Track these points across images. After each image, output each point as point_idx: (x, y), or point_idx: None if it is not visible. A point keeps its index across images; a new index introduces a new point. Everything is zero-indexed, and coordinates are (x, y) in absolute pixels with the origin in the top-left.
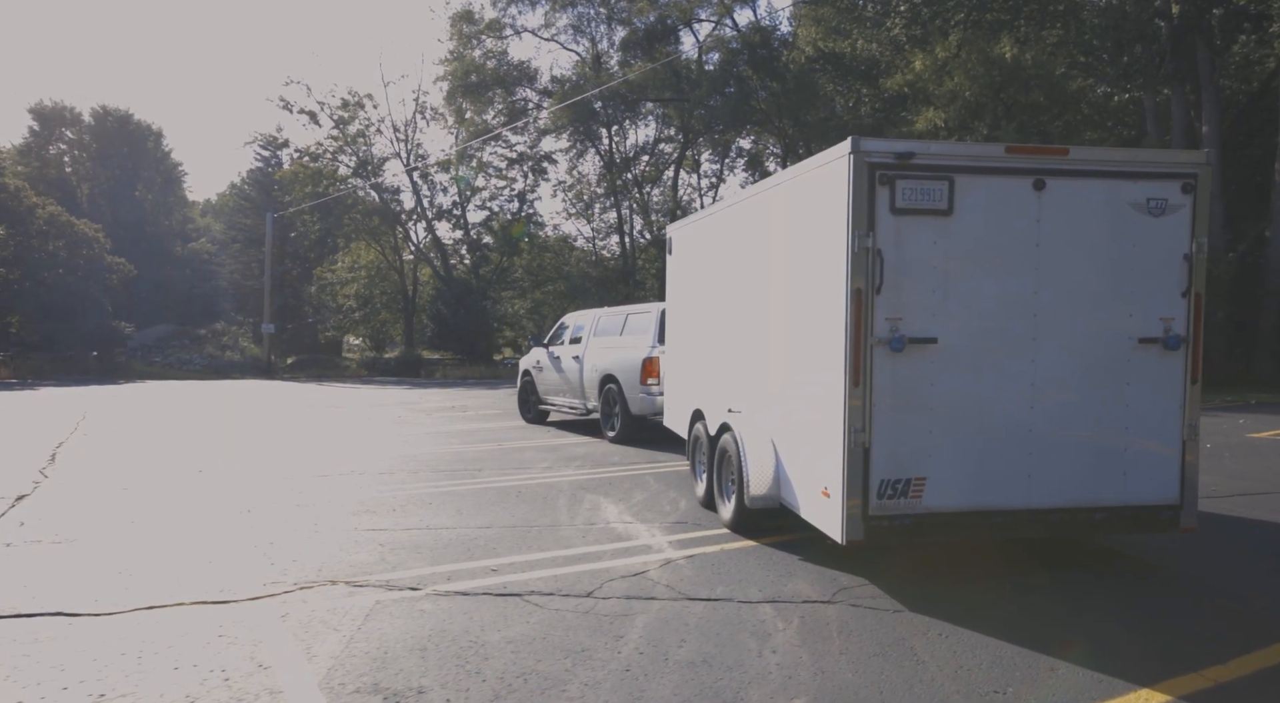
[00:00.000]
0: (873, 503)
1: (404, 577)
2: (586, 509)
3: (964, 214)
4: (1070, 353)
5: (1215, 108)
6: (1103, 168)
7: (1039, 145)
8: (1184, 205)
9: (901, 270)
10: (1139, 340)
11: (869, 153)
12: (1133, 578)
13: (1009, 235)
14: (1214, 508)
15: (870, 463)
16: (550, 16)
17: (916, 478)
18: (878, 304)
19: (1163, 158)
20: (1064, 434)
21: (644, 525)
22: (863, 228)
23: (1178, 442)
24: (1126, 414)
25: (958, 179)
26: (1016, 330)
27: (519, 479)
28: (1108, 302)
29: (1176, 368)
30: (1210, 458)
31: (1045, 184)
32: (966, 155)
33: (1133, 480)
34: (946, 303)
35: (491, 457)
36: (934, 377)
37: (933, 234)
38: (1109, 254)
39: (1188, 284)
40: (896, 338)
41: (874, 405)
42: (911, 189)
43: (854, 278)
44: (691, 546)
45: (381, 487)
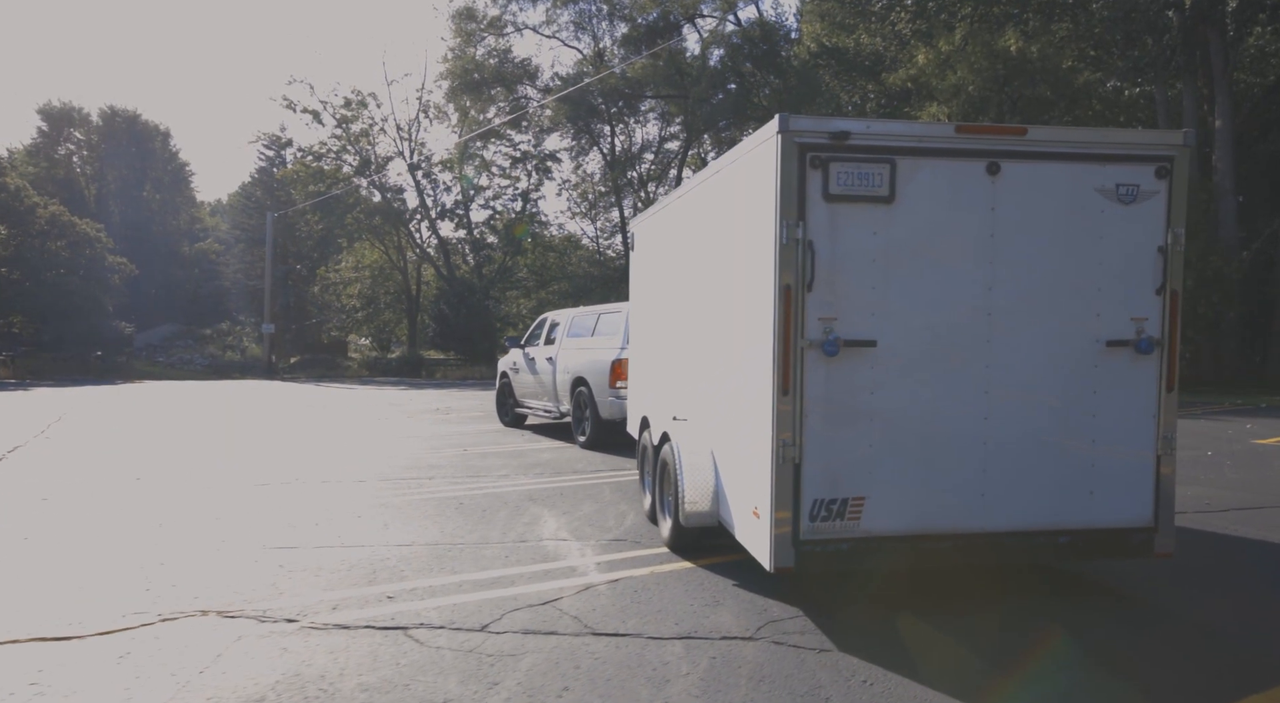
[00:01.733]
0: (804, 526)
1: (286, 606)
2: (524, 524)
3: (908, 201)
4: (1029, 357)
5: (1229, 102)
6: (1066, 149)
7: (993, 124)
8: (1158, 192)
9: (836, 265)
10: (1107, 343)
11: (799, 132)
12: (1103, 612)
13: (959, 225)
14: (1205, 524)
15: (801, 481)
16: (552, 13)
17: (854, 498)
18: (809, 302)
19: (1134, 138)
20: (1022, 448)
21: (578, 543)
22: (792, 217)
23: (1152, 456)
24: (1093, 426)
25: (901, 162)
26: (968, 332)
27: (467, 489)
28: (1072, 300)
29: (1150, 374)
30: (1210, 466)
31: (1000, 168)
32: (911, 135)
33: (1101, 500)
34: (888, 301)
35: (450, 464)
36: (874, 384)
37: (872, 224)
38: (1073, 246)
39: (1163, 280)
40: (830, 340)
41: (805, 416)
42: (848, 173)
43: (782, 273)
44: (621, 567)
45: (316, 497)
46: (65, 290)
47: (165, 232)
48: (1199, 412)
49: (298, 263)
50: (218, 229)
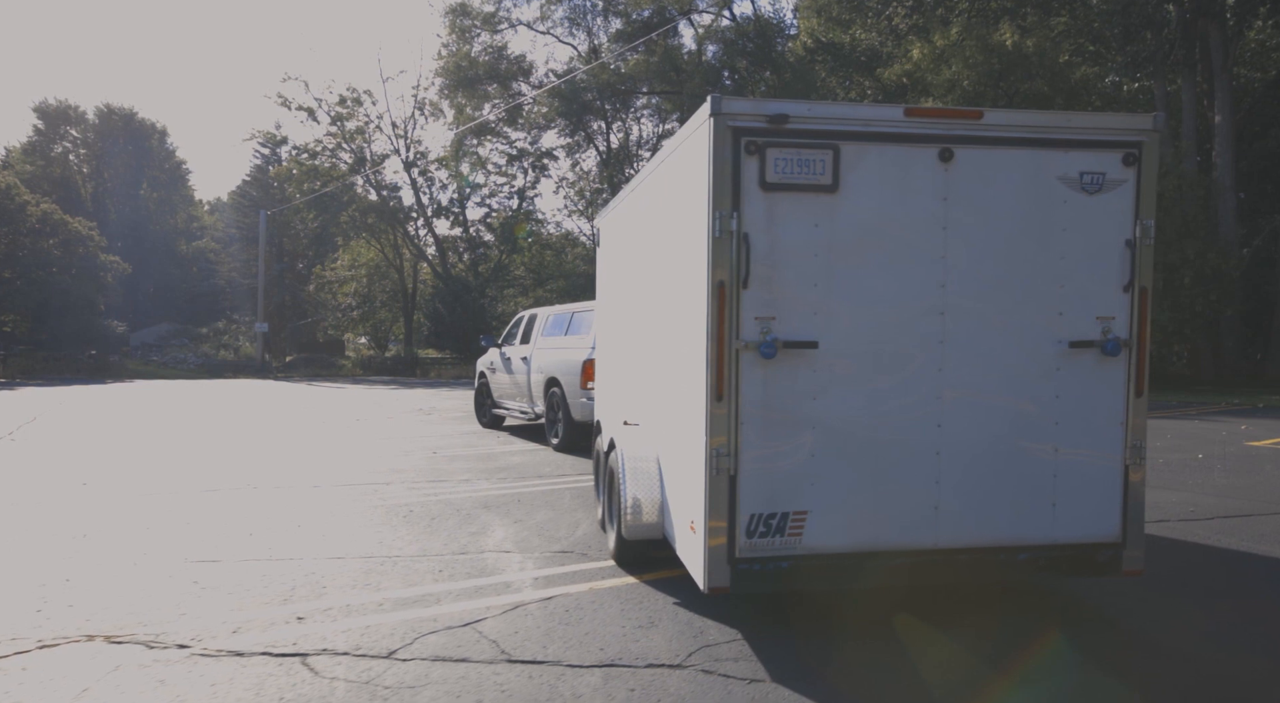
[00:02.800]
0: (740, 542)
1: (183, 629)
2: (469, 534)
3: (853, 190)
4: (986, 360)
5: (1229, 97)
6: (1025, 134)
7: (945, 107)
8: (1126, 180)
9: (774, 259)
10: (1070, 344)
11: (733, 115)
12: (1068, 633)
13: (909, 216)
14: (1187, 533)
15: (737, 494)
16: (546, 9)
17: (795, 512)
18: (745, 300)
19: (1099, 123)
20: (978, 458)
21: (520, 556)
22: (725, 207)
23: (1119, 466)
24: (1056, 434)
25: (845, 148)
26: (919, 332)
27: (422, 496)
28: (1032, 297)
29: (1117, 377)
30: (1199, 471)
31: (954, 154)
32: (856, 119)
33: (1064, 514)
34: (831, 299)
35: (415, 468)
36: (816, 388)
37: (814, 215)
38: (1033, 239)
39: (1130, 276)
40: (768, 342)
41: (742, 424)
42: (786, 160)
43: (715, 268)
44: (559, 583)
45: (263, 504)
46: (57, 289)
47: (162, 230)
48: (1194, 412)
49: (294, 261)
50: (215, 228)
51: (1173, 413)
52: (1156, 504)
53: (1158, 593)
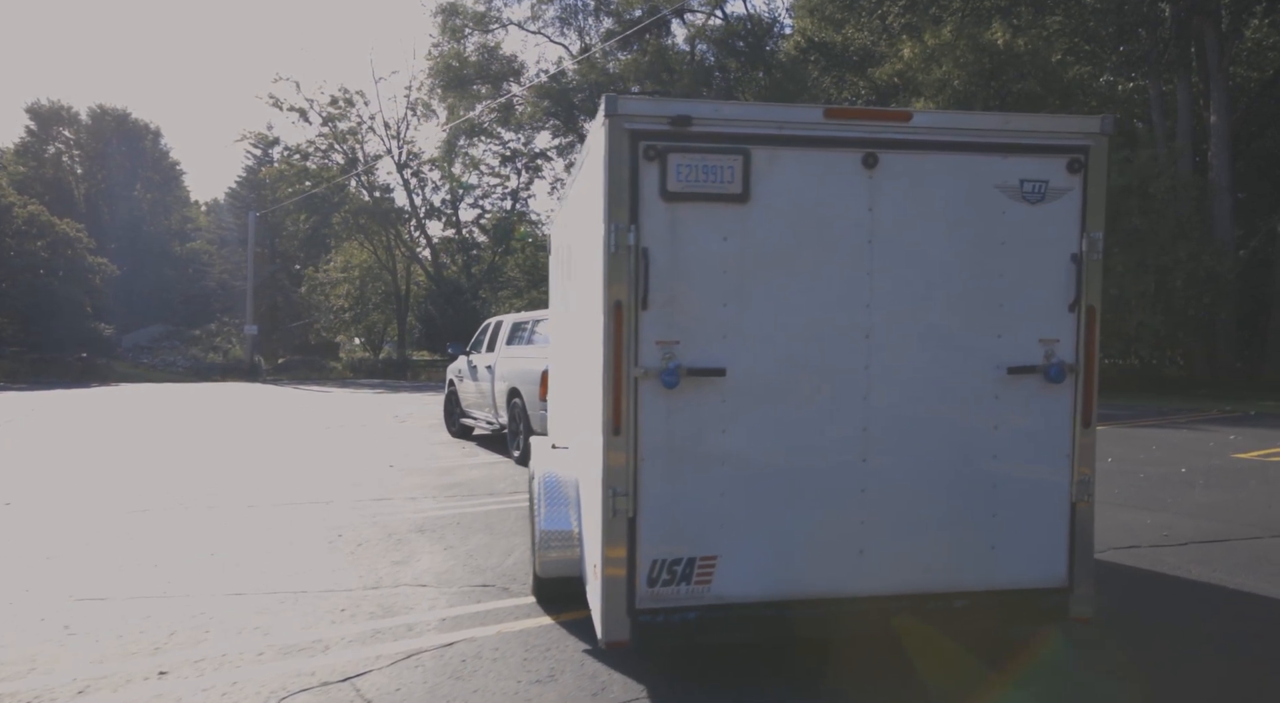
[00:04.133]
0: (641, 591)
1: (24, 689)
2: (391, 563)
3: (766, 200)
4: (916, 387)
5: (1224, 97)
6: (959, 138)
7: (870, 107)
8: (1071, 189)
9: (678, 277)
10: (1009, 370)
11: (631, 117)
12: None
13: (830, 229)
14: (1157, 562)
15: (637, 538)
16: (537, 9)
17: (703, 558)
18: (645, 323)
19: (1042, 126)
20: (908, 496)
21: (436, 591)
22: (622, 219)
23: (1065, 504)
24: (994, 468)
25: (756, 153)
26: (842, 357)
27: (360, 516)
28: (968, 318)
29: (1061, 406)
30: (1179, 487)
31: (879, 160)
32: (769, 121)
33: (1005, 556)
34: (742, 321)
35: (365, 483)
36: (725, 421)
37: (722, 227)
38: (969, 254)
39: (1076, 294)
40: (670, 369)
41: (642, 460)
42: (691, 166)
43: (611, 287)
44: (468, 625)
45: (186, 528)
46: (44, 291)
47: (156, 231)
48: (1184, 420)
49: (287, 263)
50: (209, 229)
51: (1163, 421)
52: (1129, 527)
53: (1119, 633)
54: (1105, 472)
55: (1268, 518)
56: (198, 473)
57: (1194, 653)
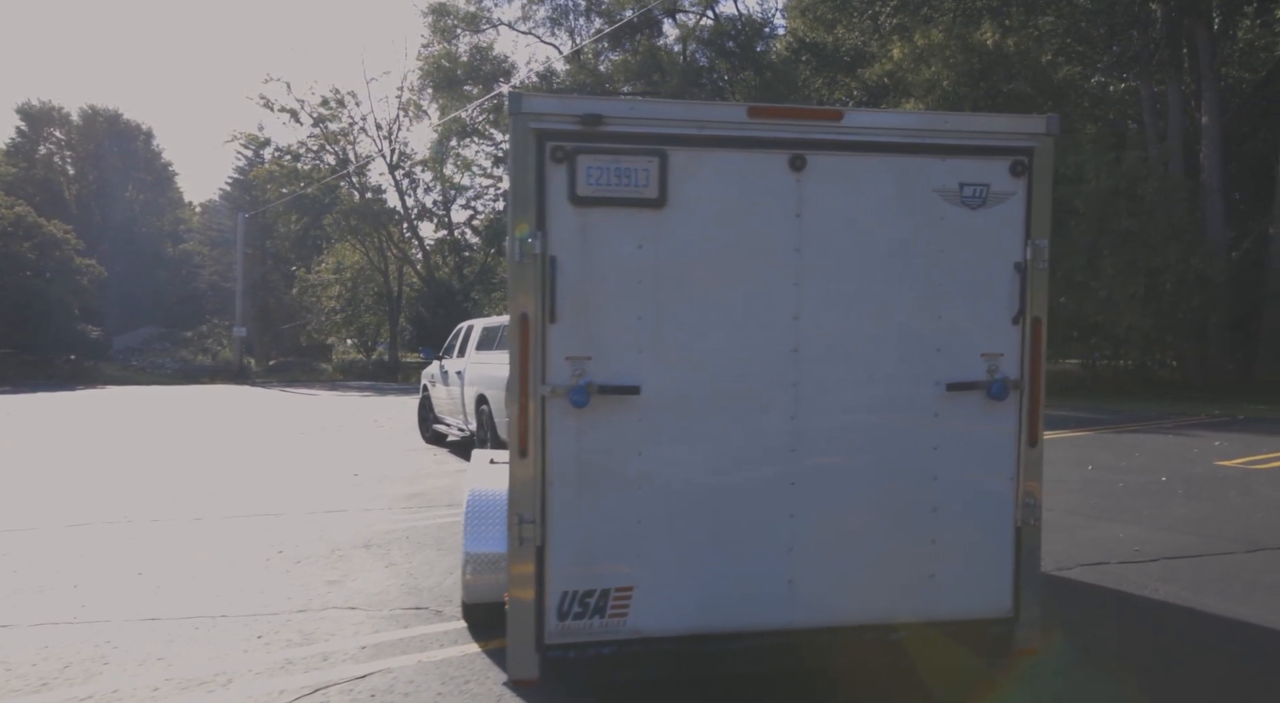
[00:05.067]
0: (551, 625)
1: None
2: (327, 582)
3: (685, 205)
4: (848, 405)
5: (1216, 98)
6: (894, 138)
7: (798, 106)
8: (1014, 193)
9: (589, 287)
10: (948, 386)
11: (537, 115)
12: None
13: (755, 236)
14: (1123, 580)
15: (546, 568)
16: (528, 9)
17: (619, 589)
18: (553, 337)
19: (982, 126)
20: (840, 522)
21: (365, 614)
22: (528, 225)
23: (1009, 528)
24: (933, 492)
25: (674, 154)
26: (768, 373)
27: (307, 530)
28: (905, 331)
29: (1006, 425)
30: (1157, 498)
31: (807, 162)
32: (688, 120)
33: (945, 585)
34: (659, 335)
35: (322, 494)
36: (642, 442)
37: (637, 234)
38: (905, 262)
39: (1020, 306)
40: (579, 387)
41: (551, 485)
42: (603, 169)
43: (517, 298)
44: (388, 654)
45: (120, 544)
46: (32, 293)
47: (149, 233)
48: (1170, 425)
49: (279, 264)
50: (201, 230)
51: (1149, 425)
52: (1100, 542)
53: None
54: (1084, 480)
55: (1245, 531)
56: (153, 483)
57: (1137, 686)
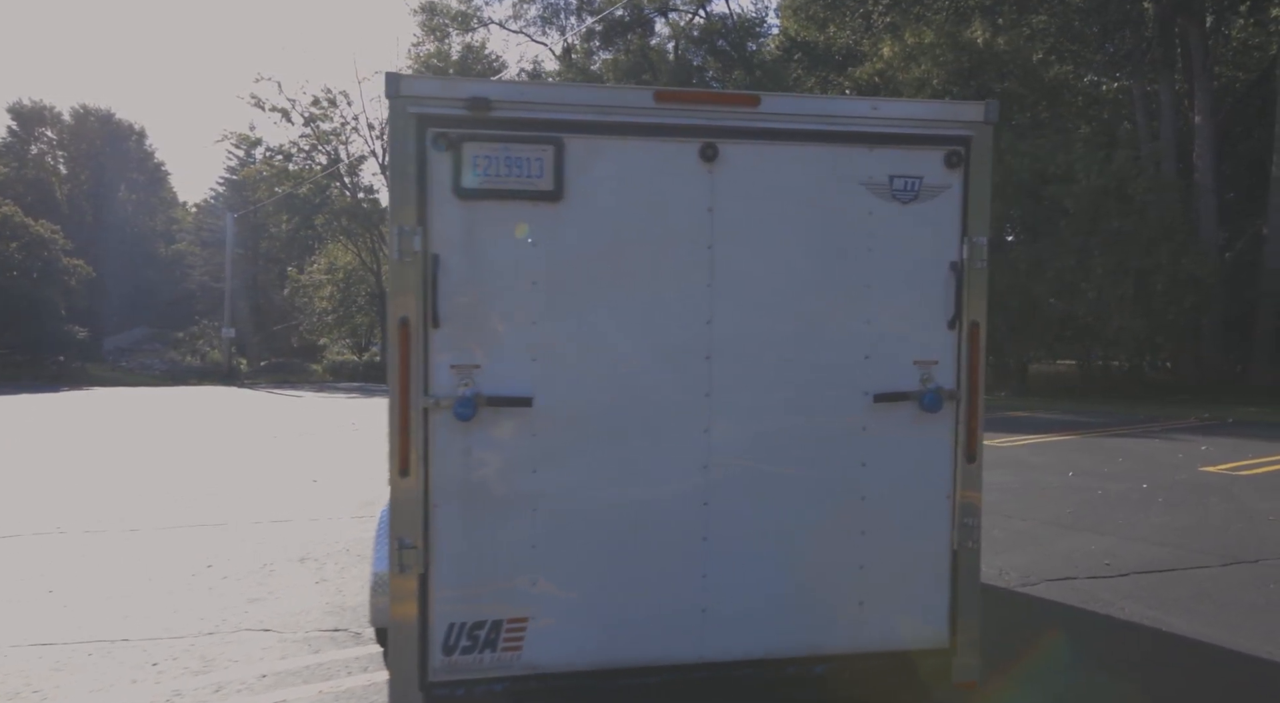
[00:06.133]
0: (436, 660)
1: None
2: (248, 601)
3: (584, 198)
4: (767, 418)
5: (1209, 97)
6: (818, 126)
7: (710, 91)
8: (950, 186)
9: (477, 289)
10: (876, 397)
11: (418, 98)
12: None
13: (662, 232)
14: (1089, 598)
15: (430, 598)
16: (519, 8)
17: (512, 620)
18: (436, 343)
19: (916, 113)
20: (759, 545)
21: (277, 637)
22: (408, 220)
23: (945, 552)
24: (861, 512)
25: (571, 143)
26: (678, 383)
27: (246, 541)
28: (830, 337)
29: (941, 439)
30: (1136, 506)
31: (719, 151)
32: (587, 105)
33: (875, 615)
34: (555, 341)
35: (274, 501)
36: (537, 458)
37: (531, 231)
38: (830, 262)
39: (956, 309)
40: (465, 399)
41: (435, 507)
42: (492, 158)
43: (396, 300)
44: (290, 683)
45: (44, 558)
46: (17, 294)
47: (141, 233)
48: (1158, 428)
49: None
50: (192, 230)
51: (1136, 429)
52: (1070, 555)
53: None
54: (1063, 488)
55: (1222, 543)
56: (100, 491)
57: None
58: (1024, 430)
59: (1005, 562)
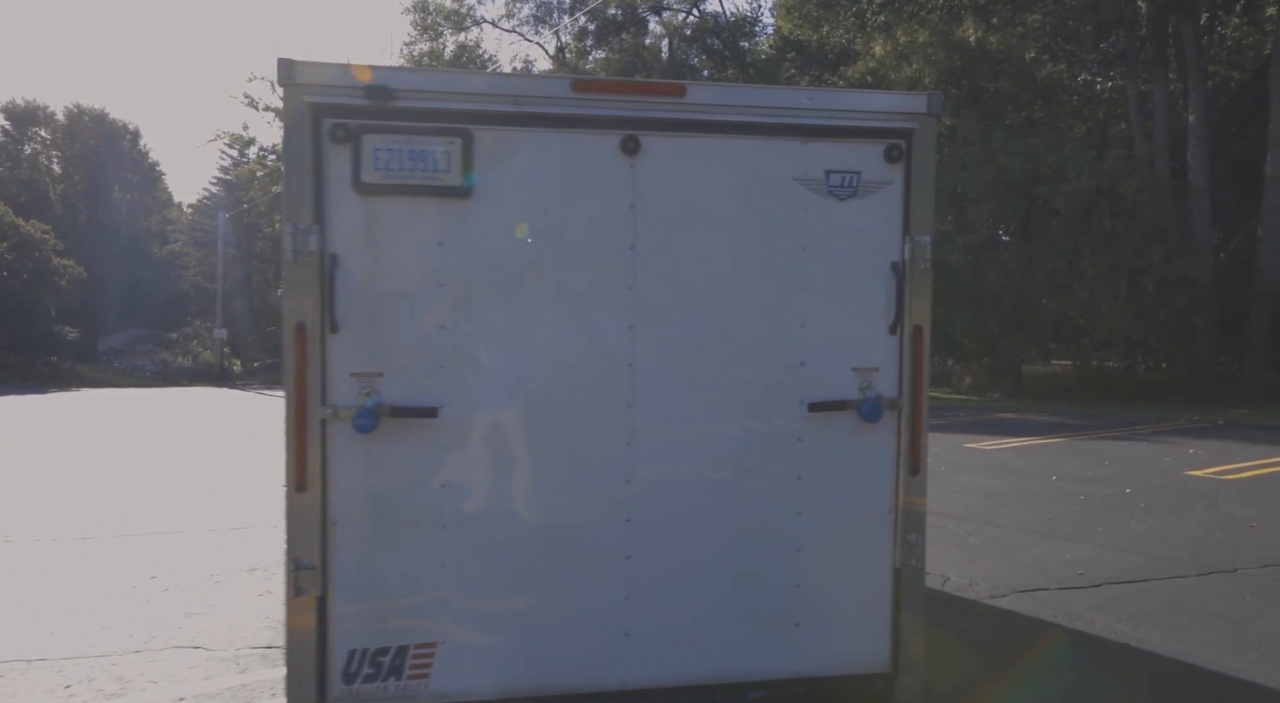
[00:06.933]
0: (335, 690)
1: None
2: (185, 615)
3: (495, 195)
4: (695, 429)
5: (1203, 96)
6: (749, 118)
7: (632, 79)
8: (890, 182)
9: (379, 292)
10: (810, 406)
11: (312, 87)
12: None
13: (581, 231)
14: (1059, 610)
15: (329, 622)
16: (512, 7)
17: (419, 646)
18: (335, 350)
19: (854, 104)
20: (686, 565)
21: (205, 655)
22: (302, 218)
23: (886, 571)
24: (797, 528)
25: (481, 135)
26: (597, 392)
27: (201, 549)
28: (762, 342)
29: (881, 450)
30: (1116, 512)
31: (642, 145)
32: (500, 94)
33: (811, 638)
34: (465, 347)
35: (238, 506)
36: (446, 473)
37: (438, 229)
38: (761, 262)
39: (897, 312)
40: (365, 409)
41: (334, 525)
42: (395, 151)
43: (291, 303)
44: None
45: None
46: (8, 294)
47: (136, 233)
48: (1147, 431)
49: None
50: (185, 230)
51: (1125, 431)
52: (1044, 565)
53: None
54: (1045, 493)
55: (1201, 551)
56: (63, 496)
57: None
58: (1012, 433)
59: (977, 572)
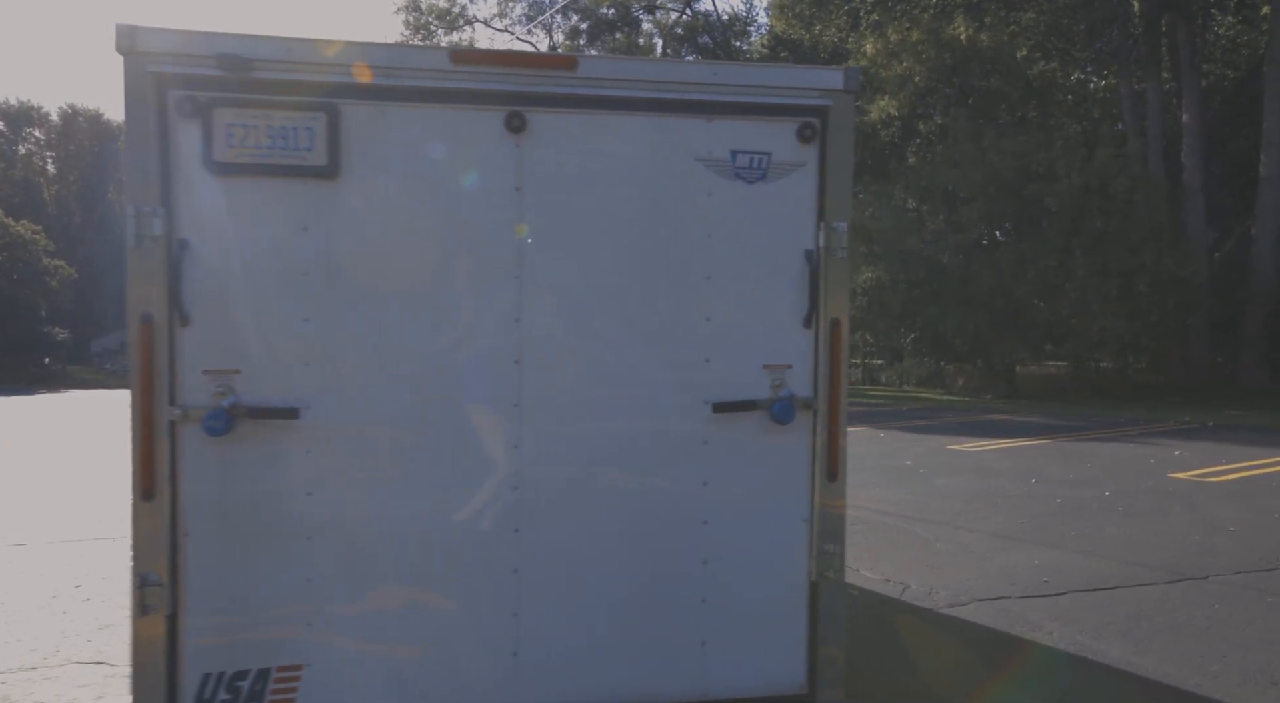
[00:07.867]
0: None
1: None
2: (97, 628)
3: (365, 175)
4: (589, 431)
5: (1196, 95)
6: (646, 93)
7: (518, 52)
8: (803, 164)
9: (235, 281)
10: (716, 407)
11: (157, 55)
12: None
13: (461, 215)
14: (1017, 620)
15: (180, 643)
16: (504, 6)
17: (283, 668)
18: (186, 344)
19: (764, 79)
20: (582, 579)
21: (108, 672)
22: (147, 199)
23: (802, 583)
24: (703, 538)
25: (349, 110)
26: (481, 392)
27: None
28: (662, 337)
29: (796, 454)
30: (1093, 516)
31: (528, 122)
32: (370, 67)
33: (720, 657)
34: (333, 343)
35: None
36: (310, 480)
37: (301, 213)
38: (661, 250)
39: (812, 304)
40: (218, 410)
41: (186, 536)
42: (251, 127)
43: (136, 293)
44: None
45: None
46: (2, 296)
47: None
48: (1135, 432)
49: None
50: None
51: (1113, 433)
52: (1009, 571)
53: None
54: (1022, 496)
55: (1174, 558)
56: (14, 500)
57: None
58: (997, 434)
59: (938, 579)
